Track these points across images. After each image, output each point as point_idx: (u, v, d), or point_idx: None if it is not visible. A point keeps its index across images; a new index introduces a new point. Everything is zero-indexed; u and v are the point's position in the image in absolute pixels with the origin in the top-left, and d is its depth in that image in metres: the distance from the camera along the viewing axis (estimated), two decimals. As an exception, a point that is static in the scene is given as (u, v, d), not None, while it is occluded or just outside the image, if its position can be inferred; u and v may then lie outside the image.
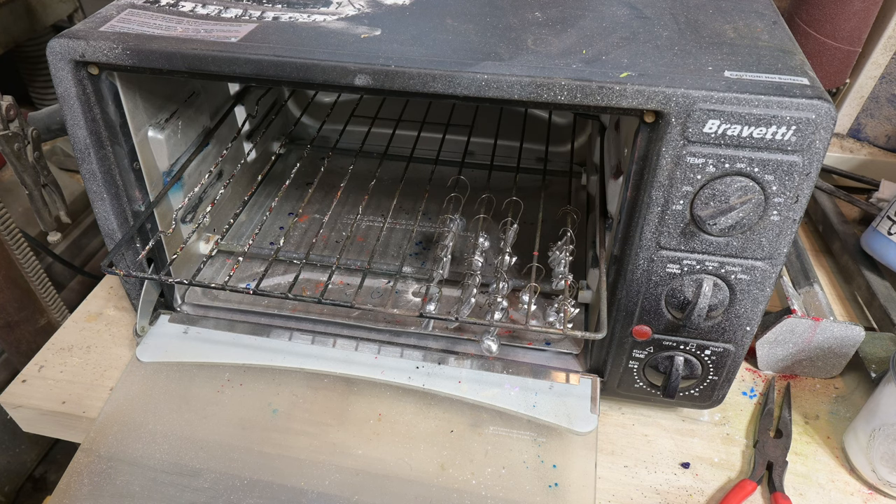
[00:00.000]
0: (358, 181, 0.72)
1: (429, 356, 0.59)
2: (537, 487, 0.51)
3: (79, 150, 0.52)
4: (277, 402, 0.58)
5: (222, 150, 0.68)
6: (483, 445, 0.54)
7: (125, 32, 0.47)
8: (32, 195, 0.68)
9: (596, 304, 0.57)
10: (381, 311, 0.54)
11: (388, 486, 0.52)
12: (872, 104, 0.88)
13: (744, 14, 0.50)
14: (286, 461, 0.53)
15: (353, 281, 0.67)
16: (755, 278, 0.46)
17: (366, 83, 0.44)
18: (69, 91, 0.49)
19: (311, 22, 0.49)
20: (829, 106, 0.39)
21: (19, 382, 0.61)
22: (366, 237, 0.73)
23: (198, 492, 0.52)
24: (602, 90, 0.41)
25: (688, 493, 0.53)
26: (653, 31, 0.47)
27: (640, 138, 0.43)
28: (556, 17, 0.50)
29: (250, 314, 0.63)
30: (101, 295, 0.71)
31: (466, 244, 0.71)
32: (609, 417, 0.58)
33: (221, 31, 0.48)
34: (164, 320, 0.63)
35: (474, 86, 0.43)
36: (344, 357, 0.59)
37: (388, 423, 0.56)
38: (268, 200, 0.78)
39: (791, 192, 0.42)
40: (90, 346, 0.64)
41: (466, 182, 0.69)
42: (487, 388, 0.57)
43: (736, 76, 0.41)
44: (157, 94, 0.57)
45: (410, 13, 0.51)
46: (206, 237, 0.68)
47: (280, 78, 0.45)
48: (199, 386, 0.59)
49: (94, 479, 0.53)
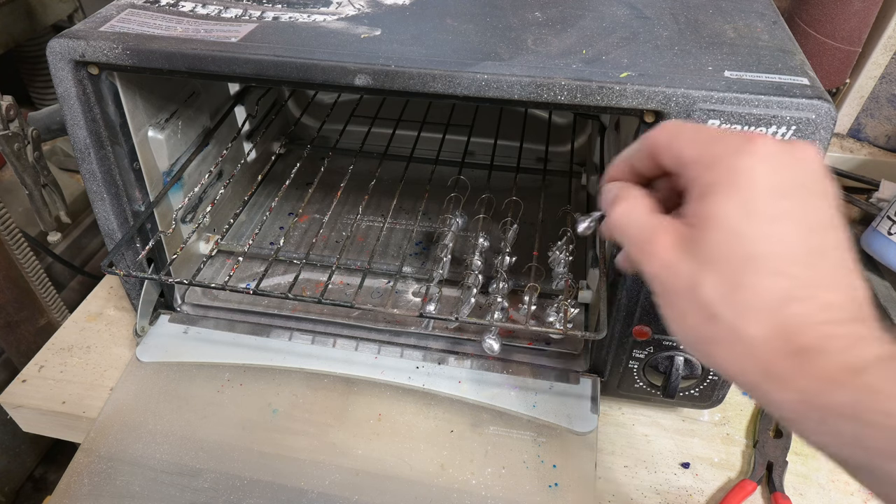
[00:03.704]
0: (358, 181, 0.72)
1: (429, 356, 0.59)
2: (537, 487, 0.51)
3: (79, 150, 0.52)
4: (277, 402, 0.58)
5: (222, 150, 0.68)
6: (483, 445, 0.54)
7: (125, 32, 0.47)
8: (32, 195, 0.68)
9: (596, 304, 0.57)
10: (381, 311, 0.54)
11: (388, 486, 0.52)
12: (872, 104, 0.88)
13: (744, 14, 0.50)
14: (286, 461, 0.53)
15: (353, 281, 0.67)
16: (755, 278, 0.46)
17: (366, 83, 0.44)
18: (69, 91, 0.49)
19: (311, 22, 0.49)
20: (829, 106, 0.39)
21: (19, 382, 0.61)
22: (366, 237, 0.73)
23: (198, 492, 0.52)
24: (602, 90, 0.41)
25: (688, 493, 0.53)
26: (653, 31, 0.47)
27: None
28: (557, 17, 0.50)
29: (250, 314, 0.63)
30: (101, 295, 0.71)
31: (466, 244, 0.71)
32: (609, 417, 0.58)
33: (221, 31, 0.48)
34: (164, 320, 0.63)
35: (474, 86, 0.43)
36: (344, 357, 0.59)
37: (388, 423, 0.56)
38: (268, 200, 0.78)
39: (791, 192, 0.42)
40: (90, 346, 0.64)
41: (466, 182, 0.69)
42: (487, 388, 0.57)
43: (736, 76, 0.41)
44: (157, 94, 0.57)
45: (410, 13, 0.51)
46: (206, 237, 0.68)
47: (280, 78, 0.45)
48: (199, 386, 0.59)
49: (94, 479, 0.53)
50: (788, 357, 0.28)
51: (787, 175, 0.30)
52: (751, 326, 0.28)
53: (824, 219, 0.30)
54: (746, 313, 0.29)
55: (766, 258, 0.29)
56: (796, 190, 0.30)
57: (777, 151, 0.30)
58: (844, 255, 0.30)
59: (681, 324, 0.31)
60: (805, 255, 0.29)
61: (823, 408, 0.27)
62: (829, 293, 0.29)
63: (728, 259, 0.29)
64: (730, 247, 0.29)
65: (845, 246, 0.30)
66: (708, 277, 0.29)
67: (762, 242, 0.29)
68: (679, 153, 0.32)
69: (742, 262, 0.29)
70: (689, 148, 0.32)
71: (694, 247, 0.30)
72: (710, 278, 0.29)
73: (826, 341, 0.27)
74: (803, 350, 0.28)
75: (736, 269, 0.29)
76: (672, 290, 0.31)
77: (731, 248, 0.29)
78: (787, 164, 0.30)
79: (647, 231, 0.32)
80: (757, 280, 0.29)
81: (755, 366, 0.29)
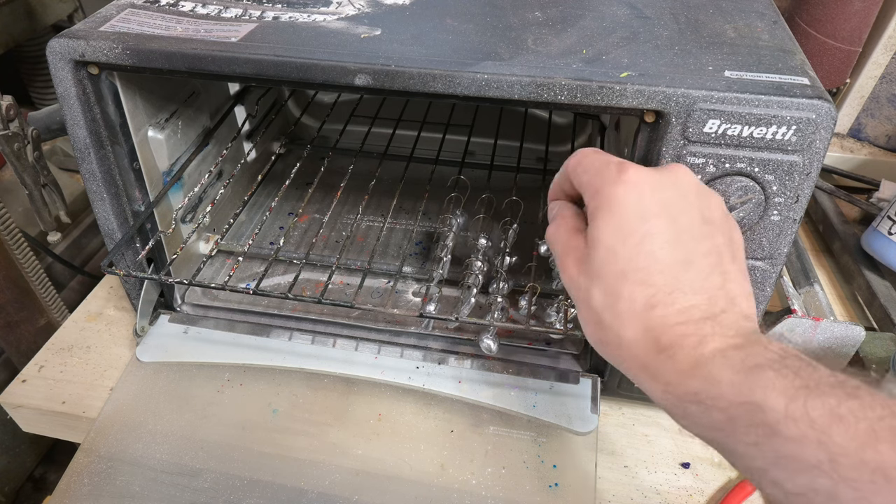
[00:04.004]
0: (358, 181, 0.72)
1: (429, 356, 0.59)
2: (537, 487, 0.51)
3: (79, 150, 0.52)
4: (277, 402, 0.58)
5: (222, 149, 0.68)
6: (483, 445, 0.54)
7: (125, 32, 0.47)
8: (32, 195, 0.68)
9: (596, 304, 0.57)
10: (381, 311, 0.54)
11: (388, 486, 0.52)
12: (873, 104, 0.88)
13: (744, 14, 0.50)
14: (286, 461, 0.53)
15: (353, 281, 0.67)
16: (755, 278, 0.46)
17: (366, 83, 0.44)
18: (69, 91, 0.49)
19: (311, 22, 0.49)
20: (829, 106, 0.39)
21: (19, 382, 0.61)
22: (366, 237, 0.73)
23: (198, 492, 0.52)
24: (602, 90, 0.41)
25: (688, 494, 0.53)
26: (653, 31, 0.47)
27: (640, 138, 0.43)
28: (557, 17, 0.50)
29: (250, 314, 0.63)
30: (100, 295, 0.71)
31: (466, 244, 0.71)
32: (609, 417, 0.58)
33: (221, 31, 0.48)
34: (164, 320, 0.63)
35: (474, 86, 0.43)
36: (344, 357, 0.59)
37: (388, 423, 0.56)
38: (268, 200, 0.78)
39: (791, 191, 0.42)
40: (90, 346, 0.64)
41: (466, 182, 0.69)
42: (487, 388, 0.57)
43: (736, 76, 0.41)
44: (156, 94, 0.57)
45: (410, 13, 0.51)
46: (206, 237, 0.68)
47: (280, 78, 0.45)
48: (199, 386, 0.59)
49: (94, 479, 0.53)
50: (656, 354, 0.33)
51: (653, 199, 0.35)
52: (626, 330, 0.34)
53: (692, 231, 0.35)
54: (622, 319, 0.34)
55: (635, 271, 0.34)
56: (664, 209, 0.35)
57: (645, 179, 0.35)
58: (716, 261, 0.35)
59: (584, 328, 0.37)
60: (670, 265, 0.34)
61: (681, 396, 0.32)
62: (689, 297, 0.33)
63: (608, 274, 0.35)
64: (608, 264, 0.35)
65: (722, 250, 0.35)
66: (595, 290, 0.35)
67: (632, 259, 0.34)
68: (579, 180, 0.38)
69: (617, 276, 0.34)
70: (585, 176, 0.38)
71: (587, 265, 0.36)
72: (596, 291, 0.35)
73: (681, 339, 0.32)
74: (665, 348, 0.32)
75: (613, 282, 0.34)
76: (576, 300, 0.37)
77: (609, 264, 0.35)
78: (654, 188, 0.35)
79: (564, 249, 0.38)
80: (628, 290, 0.34)
81: (634, 363, 0.34)
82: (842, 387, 0.28)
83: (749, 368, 0.29)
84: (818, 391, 0.27)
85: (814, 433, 0.26)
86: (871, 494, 0.25)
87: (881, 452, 0.25)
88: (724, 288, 0.34)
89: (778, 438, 0.27)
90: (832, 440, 0.26)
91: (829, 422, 0.26)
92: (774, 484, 0.28)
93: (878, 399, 0.27)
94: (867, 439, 0.25)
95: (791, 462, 0.27)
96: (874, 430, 0.26)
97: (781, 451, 0.27)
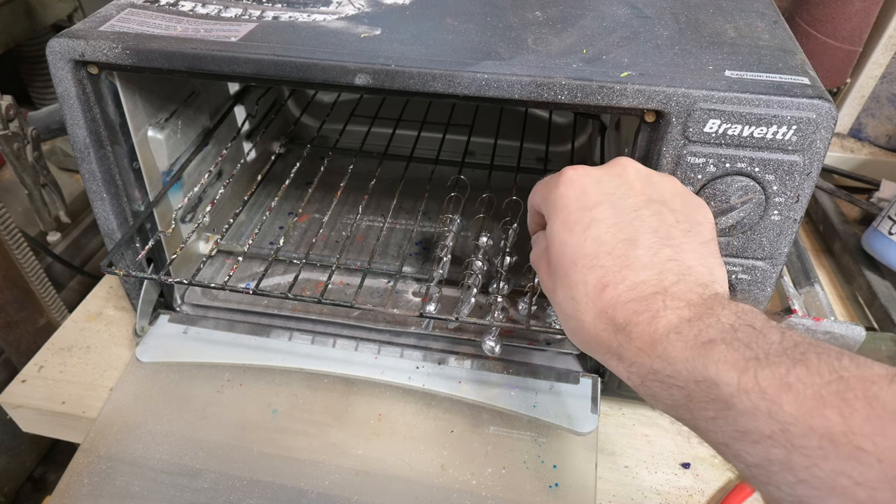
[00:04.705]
0: (358, 181, 0.72)
1: (429, 356, 0.59)
2: (538, 487, 0.51)
3: (79, 150, 0.52)
4: (277, 402, 0.57)
5: (222, 149, 0.68)
6: (483, 446, 0.54)
7: (125, 32, 0.47)
8: (32, 195, 0.68)
9: (596, 304, 0.57)
10: (381, 311, 0.54)
11: (388, 487, 0.52)
12: (873, 104, 0.88)
13: (744, 14, 0.50)
14: (286, 461, 0.53)
15: (353, 281, 0.67)
16: (756, 278, 0.46)
17: (366, 83, 0.44)
18: (69, 91, 0.49)
19: (311, 21, 0.49)
20: (829, 105, 0.39)
21: (19, 382, 0.61)
22: (366, 237, 0.73)
23: (198, 492, 0.52)
24: (602, 90, 0.41)
25: (688, 494, 0.53)
26: (653, 31, 0.47)
27: (640, 138, 0.43)
28: (557, 17, 0.50)
29: (250, 314, 0.63)
30: (100, 295, 0.71)
31: (466, 244, 0.71)
32: (609, 417, 0.58)
33: (221, 31, 0.48)
34: (163, 320, 0.63)
35: (474, 85, 0.43)
36: (344, 357, 0.59)
37: (388, 423, 0.56)
38: (268, 200, 0.78)
39: (792, 191, 0.42)
40: (90, 346, 0.64)
41: (466, 182, 0.69)
42: (488, 388, 0.57)
43: (737, 76, 0.41)
44: (156, 93, 0.57)
45: (410, 13, 0.50)
46: (206, 237, 0.68)
47: (280, 77, 0.45)
48: (198, 386, 0.59)
49: (93, 480, 0.53)
50: (615, 334, 0.33)
51: (596, 190, 0.37)
52: (585, 314, 0.35)
53: (637, 212, 0.36)
54: (580, 305, 0.35)
55: (584, 257, 0.35)
56: (606, 197, 0.37)
57: (585, 175, 0.38)
58: (665, 234, 0.35)
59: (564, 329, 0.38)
60: (616, 245, 0.35)
61: (644, 376, 0.32)
62: (638, 273, 0.34)
63: (562, 266, 0.36)
64: (561, 256, 0.36)
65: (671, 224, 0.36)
66: (557, 286, 0.37)
67: (580, 245, 0.36)
68: (536, 203, 0.42)
69: (570, 265, 0.36)
70: (538, 196, 0.41)
71: (549, 266, 0.38)
72: (558, 287, 0.37)
73: (635, 316, 0.33)
74: (621, 327, 0.33)
75: (568, 272, 0.36)
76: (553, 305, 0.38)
77: (563, 257, 0.36)
78: (597, 181, 0.37)
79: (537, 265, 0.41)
80: (581, 276, 0.35)
81: (600, 347, 0.35)
82: (789, 354, 0.28)
83: (702, 344, 0.30)
84: (767, 361, 0.28)
85: (765, 404, 0.27)
86: (821, 460, 0.25)
87: (827, 418, 0.25)
88: (677, 259, 0.34)
89: (733, 412, 0.28)
90: (782, 409, 0.26)
91: (779, 391, 0.27)
92: (736, 457, 0.29)
93: (824, 362, 0.27)
94: (814, 405, 0.26)
95: (747, 435, 0.28)
96: (821, 396, 0.26)
97: (737, 424, 0.28)
